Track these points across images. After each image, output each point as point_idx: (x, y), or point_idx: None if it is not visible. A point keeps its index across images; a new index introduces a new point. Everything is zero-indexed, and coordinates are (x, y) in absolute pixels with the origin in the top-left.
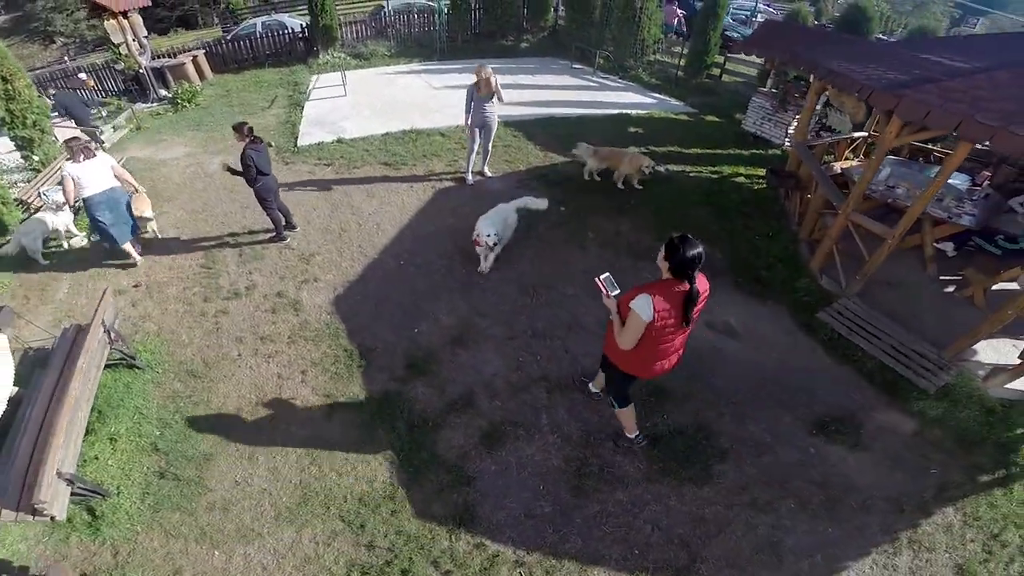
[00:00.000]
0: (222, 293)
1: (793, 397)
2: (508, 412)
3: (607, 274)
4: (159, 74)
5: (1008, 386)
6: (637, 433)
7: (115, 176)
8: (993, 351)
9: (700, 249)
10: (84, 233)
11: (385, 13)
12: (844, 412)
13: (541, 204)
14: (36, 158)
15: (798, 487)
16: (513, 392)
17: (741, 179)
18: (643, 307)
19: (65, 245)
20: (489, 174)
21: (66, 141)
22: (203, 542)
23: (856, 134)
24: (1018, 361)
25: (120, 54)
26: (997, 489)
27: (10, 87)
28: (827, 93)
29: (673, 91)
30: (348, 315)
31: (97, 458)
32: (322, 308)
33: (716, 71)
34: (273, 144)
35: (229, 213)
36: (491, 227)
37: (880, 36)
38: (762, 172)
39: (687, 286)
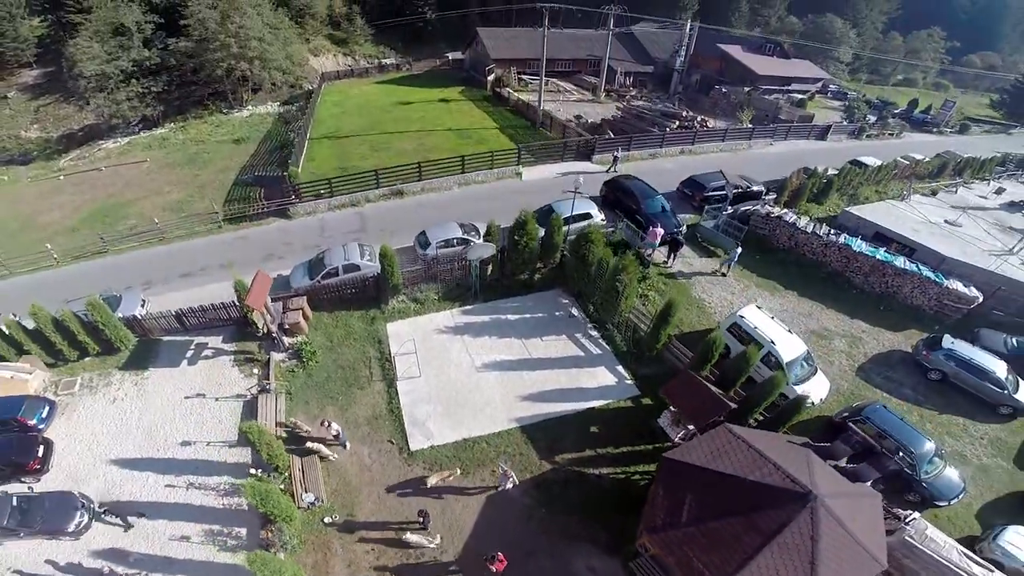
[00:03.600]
0: (424, 570)
1: None
2: None
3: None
4: (281, 328)
5: None
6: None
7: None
8: None
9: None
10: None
11: (432, 257)
12: None
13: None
14: (283, 475)
15: None
16: None
17: (638, 476)
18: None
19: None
20: (511, 486)
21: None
22: None
23: None
24: None
25: (260, 330)
26: None
27: (265, 442)
28: None
29: (632, 365)
30: None
31: None
32: None
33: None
34: (394, 442)
35: (392, 507)
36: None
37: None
38: (651, 468)
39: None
